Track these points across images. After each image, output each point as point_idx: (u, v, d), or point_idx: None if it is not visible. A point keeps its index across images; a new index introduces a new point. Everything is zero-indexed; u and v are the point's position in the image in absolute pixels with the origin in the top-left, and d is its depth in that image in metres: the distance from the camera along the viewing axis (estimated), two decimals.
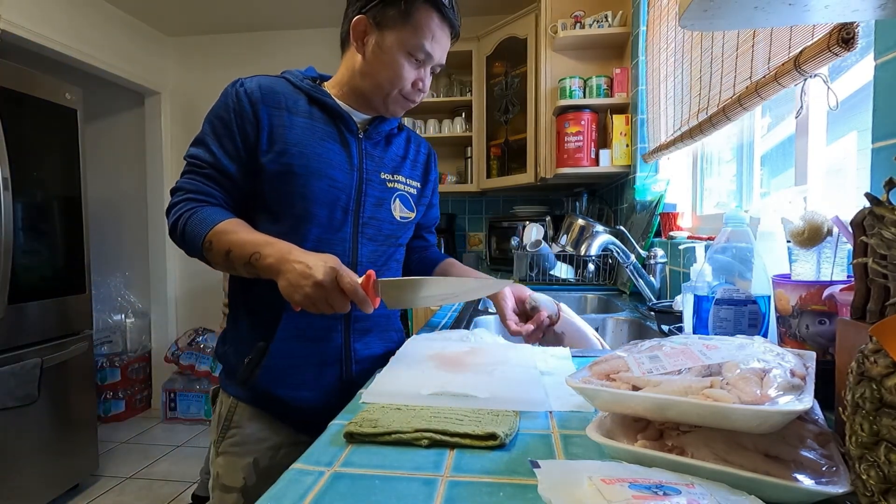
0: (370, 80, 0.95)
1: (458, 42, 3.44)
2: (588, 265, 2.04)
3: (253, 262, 0.80)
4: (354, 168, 0.96)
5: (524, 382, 0.73)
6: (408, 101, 0.99)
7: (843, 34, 0.75)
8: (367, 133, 0.99)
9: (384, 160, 1.02)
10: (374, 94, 0.96)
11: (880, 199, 0.42)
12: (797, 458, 0.42)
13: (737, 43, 1.18)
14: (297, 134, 0.91)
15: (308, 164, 0.91)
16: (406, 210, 1.05)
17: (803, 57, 0.85)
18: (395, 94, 0.95)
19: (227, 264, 0.84)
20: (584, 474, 0.37)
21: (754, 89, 1.04)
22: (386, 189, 1.00)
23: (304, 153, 0.91)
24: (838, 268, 0.67)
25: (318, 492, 0.45)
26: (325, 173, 0.92)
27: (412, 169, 1.08)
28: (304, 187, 0.90)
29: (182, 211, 0.87)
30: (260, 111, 0.90)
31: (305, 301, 0.76)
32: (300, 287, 0.75)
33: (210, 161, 0.89)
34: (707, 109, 1.34)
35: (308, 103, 0.95)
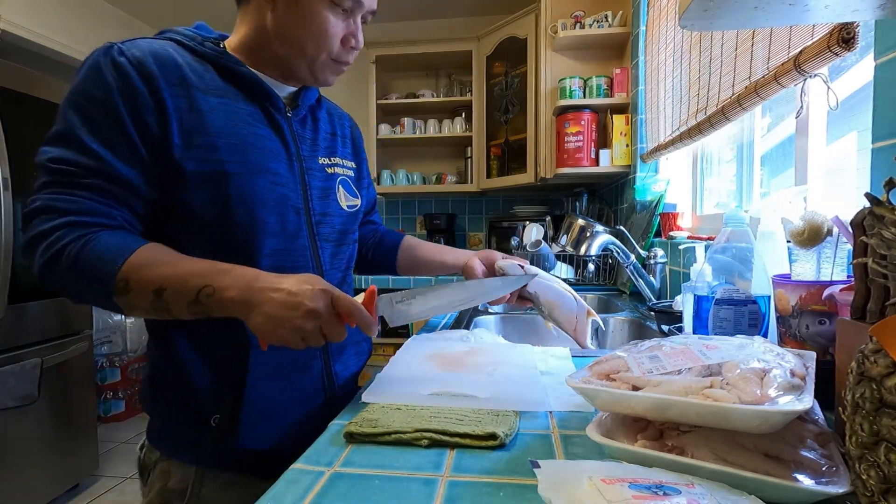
0: (287, 43, 0.75)
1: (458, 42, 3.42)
2: (588, 265, 2.04)
3: (203, 299, 0.61)
4: (293, 156, 0.78)
5: (524, 382, 0.73)
6: (340, 65, 0.79)
7: (843, 34, 0.75)
8: (294, 110, 0.81)
9: (317, 141, 0.85)
10: (296, 60, 0.76)
11: (880, 199, 0.42)
12: (797, 458, 0.42)
13: (736, 43, 1.18)
14: (219, 119, 0.70)
15: (245, 157, 0.71)
16: (351, 197, 0.89)
17: (803, 57, 0.85)
18: (324, 59, 0.76)
19: (158, 307, 0.62)
20: (584, 474, 0.37)
21: (754, 89, 1.04)
22: (328, 176, 0.84)
23: (236, 144, 0.71)
24: (838, 268, 0.67)
25: (317, 492, 0.45)
26: (265, 167, 0.73)
27: (343, 147, 0.92)
28: (245, 189, 0.70)
29: (64, 242, 0.61)
30: (161, 91, 0.67)
31: (293, 337, 0.60)
32: (286, 321, 0.59)
33: (92, 166, 0.63)
34: (706, 109, 1.34)
35: (220, 77, 0.74)
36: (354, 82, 3.32)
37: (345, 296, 0.63)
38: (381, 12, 3.15)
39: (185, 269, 0.63)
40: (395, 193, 3.21)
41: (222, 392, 0.71)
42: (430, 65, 3.19)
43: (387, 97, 3.12)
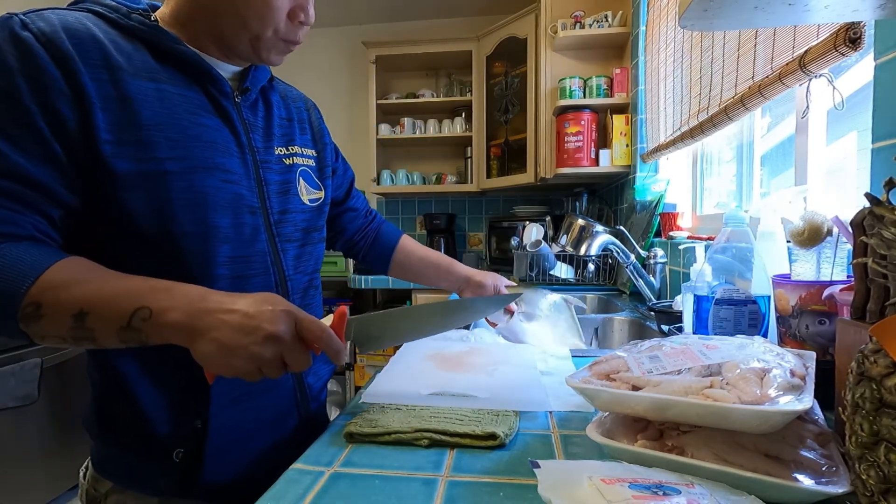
0: (225, 15, 0.64)
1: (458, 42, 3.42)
2: (588, 265, 2.03)
3: (138, 324, 0.50)
4: (245, 148, 0.68)
5: (524, 382, 0.73)
6: (288, 43, 0.68)
7: (850, 34, 0.75)
8: (243, 95, 0.70)
9: (272, 128, 0.74)
10: (237, 37, 0.65)
11: (880, 199, 0.42)
12: (797, 458, 0.42)
13: (738, 43, 1.18)
14: (154, 108, 0.59)
15: (188, 153, 0.61)
16: (313, 190, 0.78)
17: (809, 57, 0.85)
18: (269, 36, 0.65)
19: (78, 335, 0.51)
20: (584, 474, 0.37)
21: (757, 89, 1.03)
22: (286, 168, 0.74)
23: (176, 138, 0.60)
24: (838, 268, 0.67)
25: (317, 492, 0.45)
26: (212, 163, 0.63)
27: (302, 134, 0.81)
28: (191, 190, 0.60)
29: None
30: (80, 76, 0.55)
31: (247, 367, 0.50)
32: (240, 348, 0.49)
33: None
34: (707, 109, 1.34)
35: (153, 57, 0.62)
36: (354, 82, 3.32)
37: (311, 318, 0.54)
38: (382, 12, 3.16)
39: (112, 287, 0.52)
40: (394, 193, 3.21)
41: (183, 423, 0.63)
42: (430, 65, 3.19)
43: (387, 97, 3.12)
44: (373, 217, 1.05)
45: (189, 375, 0.60)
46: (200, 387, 0.61)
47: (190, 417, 0.63)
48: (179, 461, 0.62)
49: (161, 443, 0.62)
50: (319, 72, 3.32)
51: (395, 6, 3.11)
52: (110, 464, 0.67)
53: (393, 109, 3.16)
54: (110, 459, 0.66)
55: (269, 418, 0.69)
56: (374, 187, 3.06)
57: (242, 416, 0.66)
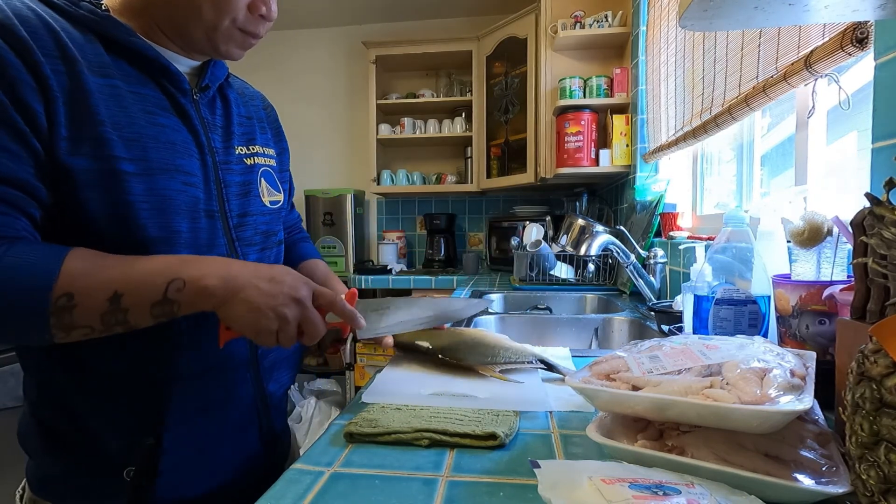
0: (182, 4, 0.60)
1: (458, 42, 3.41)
2: (588, 265, 2.03)
3: (174, 295, 0.52)
4: (204, 148, 0.65)
5: (524, 382, 0.73)
6: (247, 36, 0.65)
7: (857, 34, 0.75)
8: (201, 91, 0.67)
9: (231, 127, 0.71)
10: (192, 27, 0.62)
11: (880, 199, 0.42)
12: (797, 458, 0.42)
13: (741, 43, 1.18)
14: (108, 105, 0.56)
15: (145, 154, 0.58)
16: (273, 192, 0.76)
17: (814, 57, 0.85)
18: (227, 27, 0.62)
19: (110, 320, 0.51)
20: (584, 474, 0.37)
21: (762, 89, 1.03)
22: (247, 168, 0.71)
23: (132, 138, 0.57)
24: (838, 268, 0.67)
25: (317, 492, 0.45)
26: (171, 165, 0.60)
27: (262, 133, 0.78)
28: (150, 193, 0.58)
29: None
30: (41, 66, 0.52)
31: (272, 325, 0.54)
32: (269, 309, 0.54)
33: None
34: (710, 110, 1.34)
35: (105, 49, 0.58)
36: (354, 82, 3.32)
37: (325, 288, 0.59)
38: (382, 12, 3.16)
39: (140, 267, 0.53)
40: (394, 193, 3.21)
41: (134, 440, 0.59)
42: (430, 65, 3.19)
43: (387, 97, 3.12)
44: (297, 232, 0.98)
45: (144, 389, 0.60)
46: (153, 401, 0.60)
47: (141, 433, 0.59)
48: (130, 479, 0.59)
49: (109, 460, 0.59)
50: (319, 72, 3.32)
51: (395, 6, 3.10)
52: (50, 484, 0.62)
53: (393, 109, 3.16)
54: (51, 479, 0.62)
55: (230, 431, 0.67)
56: (374, 187, 3.06)
57: (200, 430, 0.63)
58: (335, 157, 3.40)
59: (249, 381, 0.69)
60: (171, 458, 0.61)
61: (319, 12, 3.17)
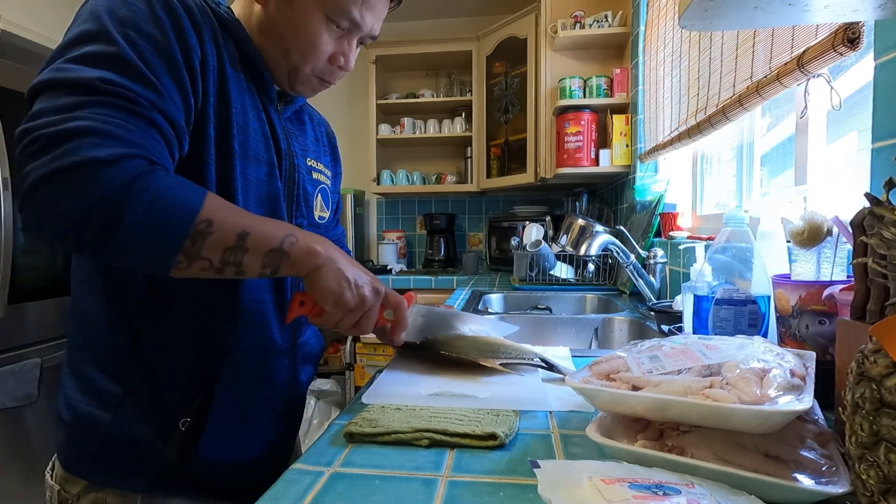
0: (274, 41, 0.69)
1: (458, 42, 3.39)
2: (588, 265, 2.03)
3: (287, 247, 0.58)
4: (283, 151, 0.73)
5: (524, 382, 0.73)
6: (323, 82, 0.73)
7: (848, 34, 0.75)
8: (286, 104, 0.77)
9: (307, 141, 0.80)
10: (277, 63, 0.70)
11: (880, 199, 0.42)
12: (797, 458, 0.42)
13: (736, 43, 1.18)
14: (234, 92, 0.66)
15: (246, 140, 0.66)
16: (325, 208, 0.84)
17: (807, 57, 0.85)
18: (307, 72, 0.71)
19: (229, 259, 0.55)
20: (584, 474, 0.37)
21: (755, 89, 1.04)
22: (312, 181, 0.79)
23: (242, 124, 0.66)
24: (838, 268, 0.67)
25: (317, 492, 0.45)
26: (262, 156, 0.69)
27: (325, 155, 0.87)
28: (243, 175, 0.66)
29: (137, 174, 0.50)
30: (206, 45, 0.62)
31: (354, 303, 0.62)
32: (358, 286, 0.61)
33: (153, 99, 0.54)
34: (706, 109, 1.34)
35: (236, 48, 0.68)
36: (354, 82, 3.31)
37: (394, 292, 0.67)
38: None
39: (262, 218, 0.59)
40: (394, 193, 3.21)
41: (192, 394, 0.65)
42: (430, 65, 3.19)
43: (387, 97, 3.12)
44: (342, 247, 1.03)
45: (205, 351, 0.65)
46: (213, 364, 0.65)
47: (197, 388, 0.65)
48: (185, 430, 0.63)
49: (169, 412, 0.63)
50: None
51: None
52: (86, 458, 0.64)
53: (393, 109, 3.16)
54: (87, 452, 0.64)
55: (265, 410, 0.72)
56: (374, 187, 3.06)
57: (243, 402, 0.68)
58: None
59: (286, 368, 0.75)
60: (217, 418, 0.65)
61: None
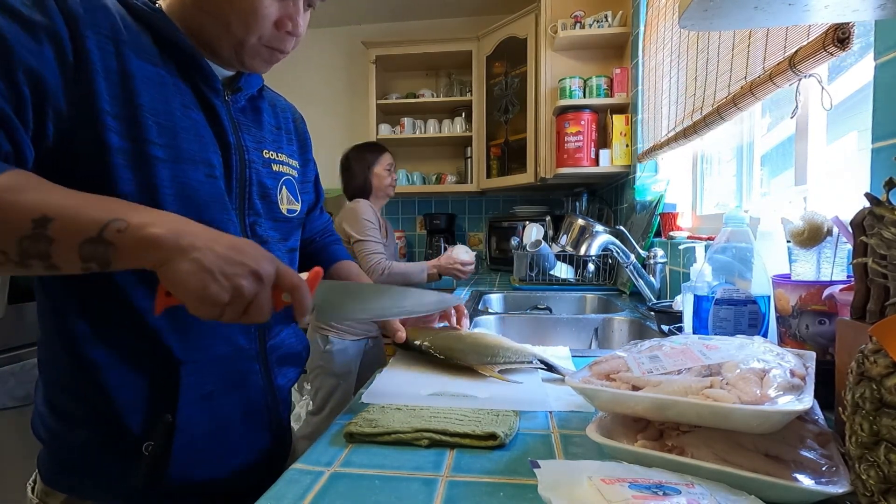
0: (209, 16, 0.63)
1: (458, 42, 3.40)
2: (588, 265, 2.03)
3: (110, 236, 0.46)
4: (231, 146, 0.67)
5: (524, 382, 0.73)
6: (274, 52, 0.67)
7: (838, 34, 0.75)
8: (234, 93, 0.70)
9: (262, 132, 0.74)
10: (220, 39, 0.64)
11: (880, 199, 0.42)
12: (797, 458, 0.42)
13: (733, 43, 1.18)
14: (150, 91, 0.59)
15: (175, 142, 0.60)
16: (293, 201, 0.78)
17: (798, 57, 0.85)
18: (253, 42, 0.64)
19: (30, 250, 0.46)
20: (584, 474, 0.37)
21: (749, 89, 1.04)
22: (272, 173, 0.73)
23: (166, 125, 0.59)
24: (838, 268, 0.67)
25: (317, 492, 0.45)
26: (198, 157, 0.62)
27: (289, 144, 0.81)
28: (176, 180, 0.59)
29: None
30: (85, 40, 0.54)
31: (222, 296, 0.48)
32: (223, 276, 0.48)
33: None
34: (702, 109, 1.34)
35: (154, 43, 0.61)
36: (354, 82, 3.32)
37: (290, 270, 0.54)
38: (381, 12, 3.16)
39: (81, 198, 0.49)
40: (395, 193, 3.21)
41: (154, 416, 0.60)
42: (430, 65, 3.19)
43: (387, 97, 3.12)
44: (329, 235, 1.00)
45: (159, 364, 0.60)
46: (170, 380, 0.60)
47: (160, 410, 0.60)
48: (149, 454, 0.59)
49: (131, 436, 0.60)
50: (319, 72, 3.32)
51: (395, 6, 3.10)
52: (63, 469, 0.63)
53: (393, 109, 3.16)
54: (64, 464, 0.62)
55: (239, 419, 0.68)
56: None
57: (212, 413, 0.64)
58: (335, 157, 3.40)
59: (258, 373, 0.70)
60: (184, 437, 0.61)
61: (319, 12, 3.17)
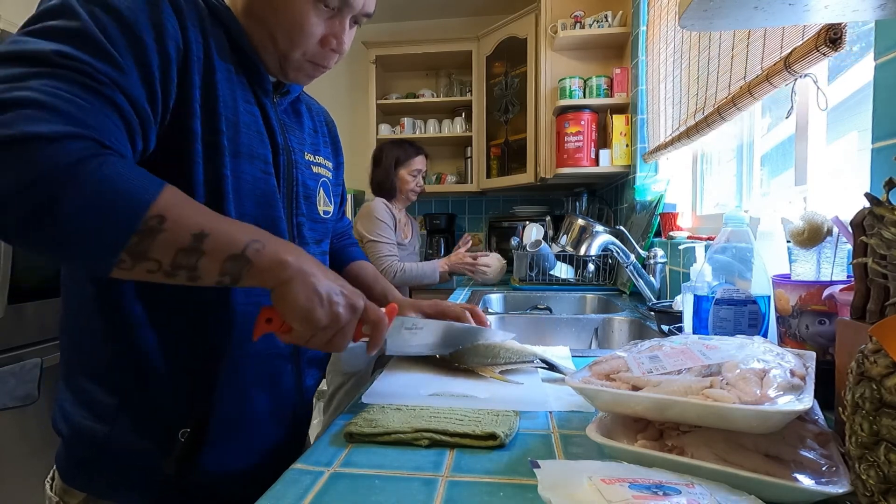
0: (259, 26, 0.65)
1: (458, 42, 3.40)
2: (588, 265, 2.03)
3: (251, 254, 0.51)
4: (280, 146, 0.68)
5: (524, 382, 0.73)
6: (317, 67, 0.68)
7: (830, 34, 0.76)
8: (282, 96, 0.73)
9: (304, 134, 0.76)
10: (266, 49, 0.66)
11: (880, 199, 0.42)
12: (797, 458, 0.42)
13: (733, 43, 1.18)
14: (223, 85, 0.61)
15: (237, 136, 0.62)
16: (328, 202, 0.79)
17: (793, 57, 0.86)
18: (297, 57, 0.66)
19: (182, 262, 0.49)
20: (584, 474, 0.37)
21: (747, 89, 1.04)
22: (312, 175, 0.75)
23: (231, 119, 0.62)
24: (838, 268, 0.67)
25: (317, 492, 0.45)
26: (256, 152, 0.64)
27: (325, 147, 0.83)
28: (235, 173, 0.62)
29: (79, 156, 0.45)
30: (188, 32, 0.57)
31: (323, 321, 0.54)
32: (331, 303, 0.54)
33: (113, 75, 0.49)
34: (703, 109, 1.34)
35: (227, 40, 0.64)
36: (354, 82, 3.32)
37: (374, 305, 0.60)
38: (382, 12, 3.15)
39: (228, 220, 0.53)
40: None
41: (192, 402, 0.61)
42: (430, 65, 3.19)
43: (387, 97, 3.12)
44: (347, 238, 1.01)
45: (200, 354, 0.62)
46: (210, 370, 0.62)
47: (198, 397, 0.62)
48: (185, 441, 0.60)
49: (167, 421, 0.60)
50: None
51: (395, 6, 3.10)
52: (84, 469, 0.62)
53: (393, 109, 3.16)
54: (85, 463, 0.62)
55: (269, 416, 0.69)
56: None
57: (245, 408, 0.65)
58: None
59: (290, 373, 0.71)
60: (218, 428, 0.62)
61: None
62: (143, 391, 0.60)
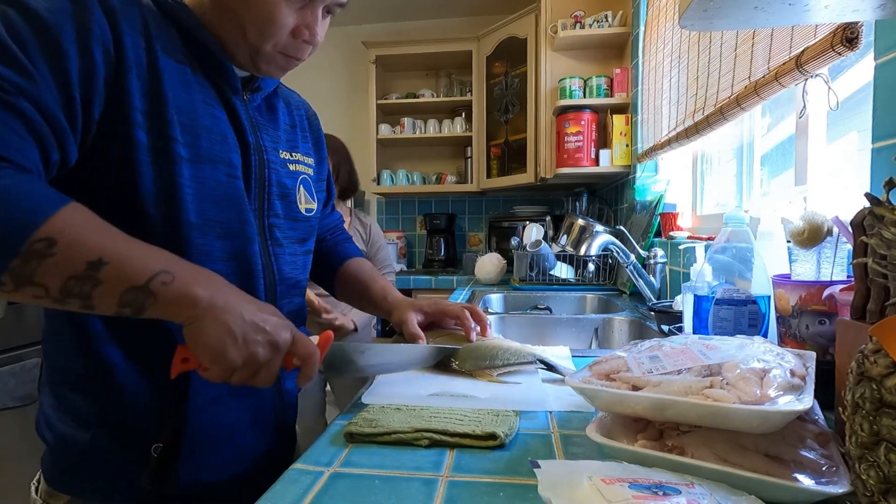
0: (228, 18, 0.62)
1: (458, 42, 3.40)
2: (588, 265, 2.03)
3: (155, 287, 0.48)
4: (251, 147, 0.67)
5: (524, 382, 0.73)
6: (290, 59, 0.66)
7: (847, 34, 0.75)
8: (253, 93, 0.70)
9: (278, 132, 0.73)
10: (237, 43, 0.63)
11: (880, 199, 0.42)
12: (797, 458, 0.42)
13: (735, 43, 1.18)
14: (175, 88, 0.59)
15: (197, 141, 0.60)
16: (309, 200, 0.77)
17: (805, 56, 0.85)
18: (269, 50, 0.63)
19: (78, 287, 0.46)
20: (584, 474, 0.37)
21: (753, 89, 1.04)
22: (289, 173, 0.73)
23: (188, 124, 0.59)
24: (838, 268, 0.67)
25: (317, 492, 0.45)
26: (219, 156, 0.62)
27: (304, 142, 0.80)
28: (196, 179, 0.59)
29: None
30: (123, 35, 0.54)
31: (238, 361, 0.51)
32: (245, 342, 0.51)
33: (19, 83, 0.47)
34: (704, 109, 1.34)
35: (180, 40, 0.61)
36: (354, 82, 3.32)
37: (305, 338, 0.56)
38: (382, 12, 3.16)
39: (136, 245, 0.49)
40: (394, 193, 3.21)
41: (164, 416, 0.60)
42: (430, 65, 3.19)
43: (387, 97, 3.12)
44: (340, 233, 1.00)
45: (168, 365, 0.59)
46: (181, 381, 0.59)
47: (170, 411, 0.60)
48: (157, 456, 0.59)
49: (140, 437, 0.59)
50: (319, 72, 3.32)
51: (395, 6, 3.10)
52: (68, 474, 0.62)
53: (393, 109, 3.16)
54: (69, 469, 0.62)
55: (248, 423, 0.67)
56: (374, 187, 3.06)
57: (221, 417, 0.64)
58: None
59: None
60: (192, 439, 0.61)
61: None
62: (118, 403, 0.59)
